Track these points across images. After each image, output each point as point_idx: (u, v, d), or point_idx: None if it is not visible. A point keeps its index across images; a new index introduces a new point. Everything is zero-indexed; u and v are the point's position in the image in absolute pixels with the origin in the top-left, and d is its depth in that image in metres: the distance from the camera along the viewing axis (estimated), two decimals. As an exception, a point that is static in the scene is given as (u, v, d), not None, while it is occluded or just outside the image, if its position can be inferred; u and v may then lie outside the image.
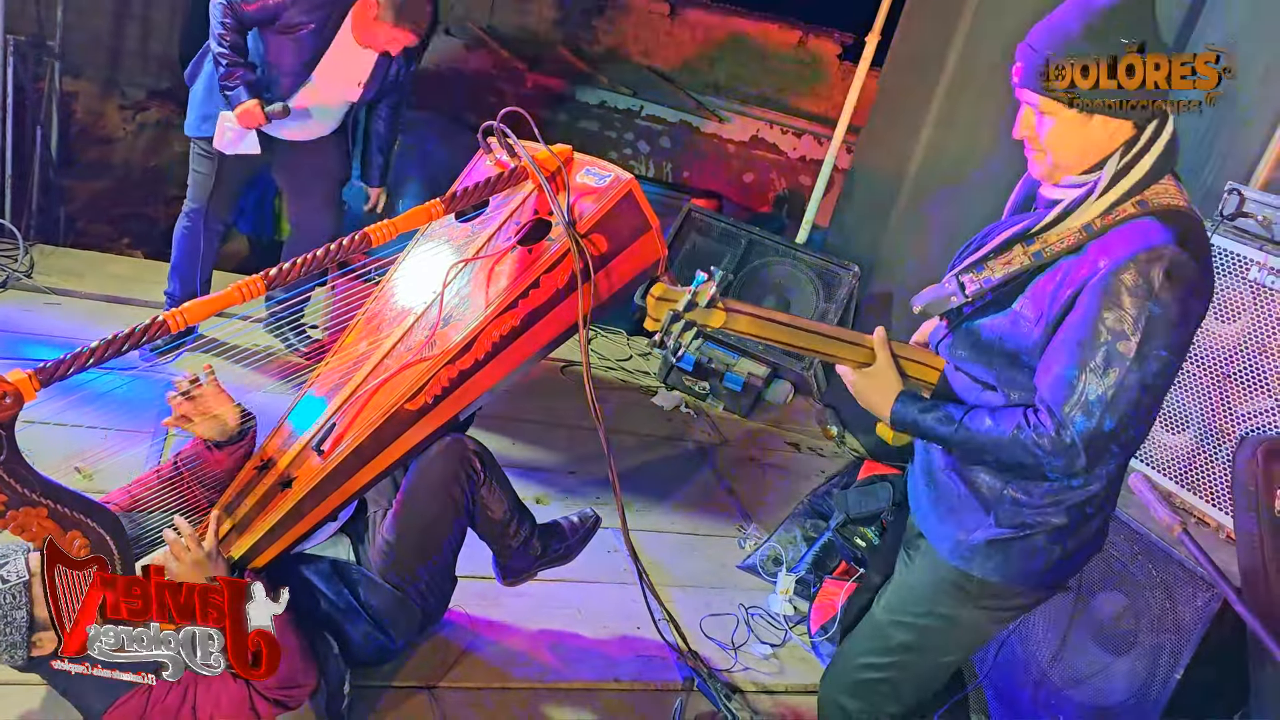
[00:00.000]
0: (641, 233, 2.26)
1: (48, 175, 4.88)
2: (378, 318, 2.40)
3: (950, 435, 1.70)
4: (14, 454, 1.66)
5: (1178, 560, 2.47)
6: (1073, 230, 1.61)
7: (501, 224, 2.31)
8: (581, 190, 2.22)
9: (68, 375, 1.69)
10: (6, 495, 1.67)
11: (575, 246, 2.11)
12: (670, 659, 2.78)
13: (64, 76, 4.95)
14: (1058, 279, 1.61)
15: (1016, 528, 1.77)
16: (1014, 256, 1.67)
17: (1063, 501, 1.75)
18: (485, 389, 2.23)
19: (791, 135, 7.91)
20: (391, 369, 2.20)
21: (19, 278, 3.97)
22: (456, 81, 7.17)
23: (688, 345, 1.79)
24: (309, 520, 2.15)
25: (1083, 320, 1.55)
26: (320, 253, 1.94)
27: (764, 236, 4.82)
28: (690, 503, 3.72)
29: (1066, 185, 1.66)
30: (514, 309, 2.16)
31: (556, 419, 3.96)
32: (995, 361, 1.73)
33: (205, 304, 1.83)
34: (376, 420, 2.12)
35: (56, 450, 2.75)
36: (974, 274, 1.71)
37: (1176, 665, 2.46)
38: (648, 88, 7.78)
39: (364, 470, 2.16)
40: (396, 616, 2.33)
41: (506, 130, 2.25)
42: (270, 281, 1.89)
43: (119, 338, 1.73)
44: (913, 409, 1.75)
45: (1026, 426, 1.59)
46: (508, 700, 2.54)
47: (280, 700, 1.99)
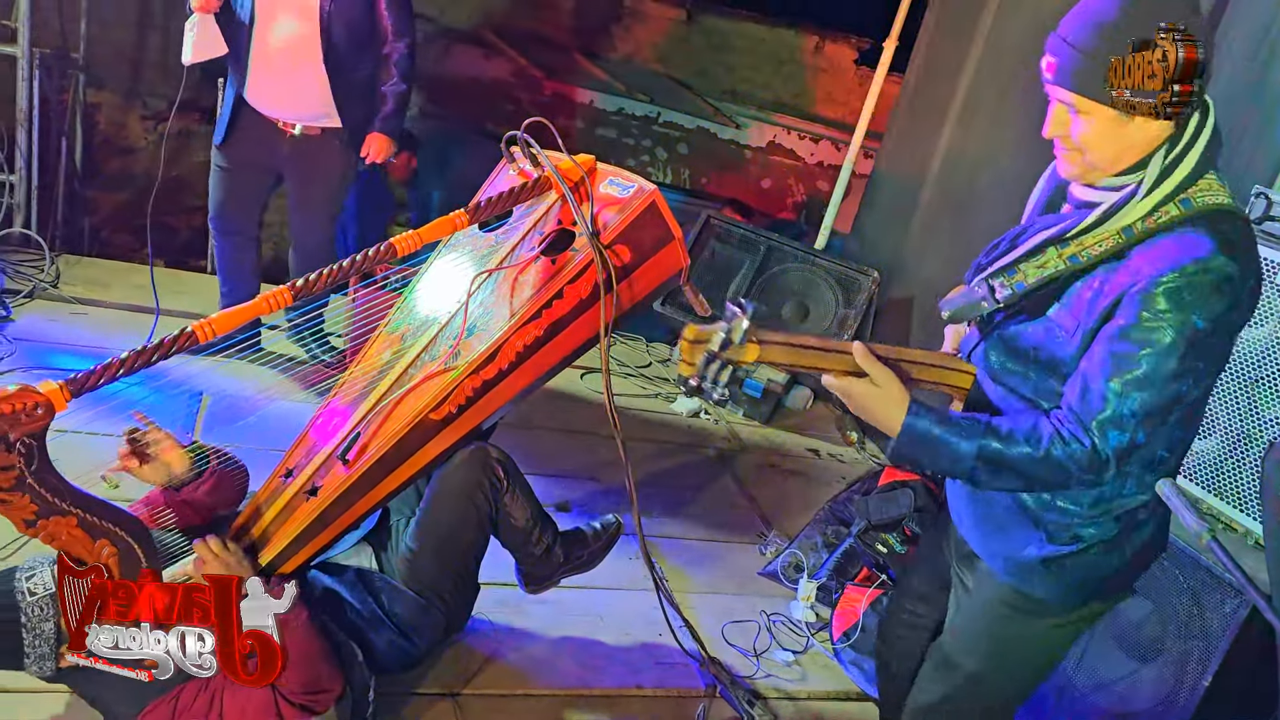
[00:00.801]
0: (665, 243, 2.25)
1: (72, 186, 4.94)
2: (401, 327, 2.41)
3: (971, 452, 1.56)
4: (45, 463, 1.68)
5: (1205, 566, 2.46)
6: (1111, 234, 1.54)
7: (525, 234, 2.31)
8: (605, 201, 2.22)
9: (98, 386, 1.70)
10: (37, 505, 1.68)
11: (599, 258, 2.11)
12: (693, 666, 2.78)
13: (87, 88, 4.99)
14: (1095, 287, 1.55)
15: (1069, 542, 1.70)
16: (1047, 260, 1.60)
17: (1111, 510, 1.68)
18: (508, 399, 2.23)
19: (809, 141, 7.90)
20: (416, 379, 2.21)
21: (45, 288, 4.01)
22: (474, 89, 7.20)
23: (725, 385, 1.71)
24: (334, 529, 2.17)
25: (1122, 331, 1.49)
26: (346, 263, 1.95)
27: (782, 243, 4.80)
28: (710, 509, 3.71)
29: (1103, 187, 1.59)
30: (538, 319, 2.16)
31: (577, 425, 3.97)
32: (1032, 372, 1.66)
33: (233, 314, 1.84)
34: (401, 430, 2.13)
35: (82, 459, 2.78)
36: (1005, 278, 1.64)
37: (1204, 672, 2.44)
38: (665, 94, 7.79)
39: (388, 480, 2.17)
40: (420, 624, 2.33)
41: (530, 140, 2.24)
42: (298, 292, 1.90)
43: (148, 349, 1.74)
44: (926, 420, 1.59)
45: (1060, 442, 1.52)
46: (531, 707, 2.54)
47: (305, 705, 2.00)
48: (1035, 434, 1.55)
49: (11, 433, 1.60)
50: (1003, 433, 1.56)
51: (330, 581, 2.29)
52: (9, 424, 1.60)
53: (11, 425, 1.60)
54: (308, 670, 1.99)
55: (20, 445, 1.62)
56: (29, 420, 1.62)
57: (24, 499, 1.66)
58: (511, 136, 2.28)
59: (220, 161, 3.62)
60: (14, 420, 1.60)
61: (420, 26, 7.08)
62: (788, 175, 8.01)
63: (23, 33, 4.27)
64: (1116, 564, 1.75)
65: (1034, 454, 1.53)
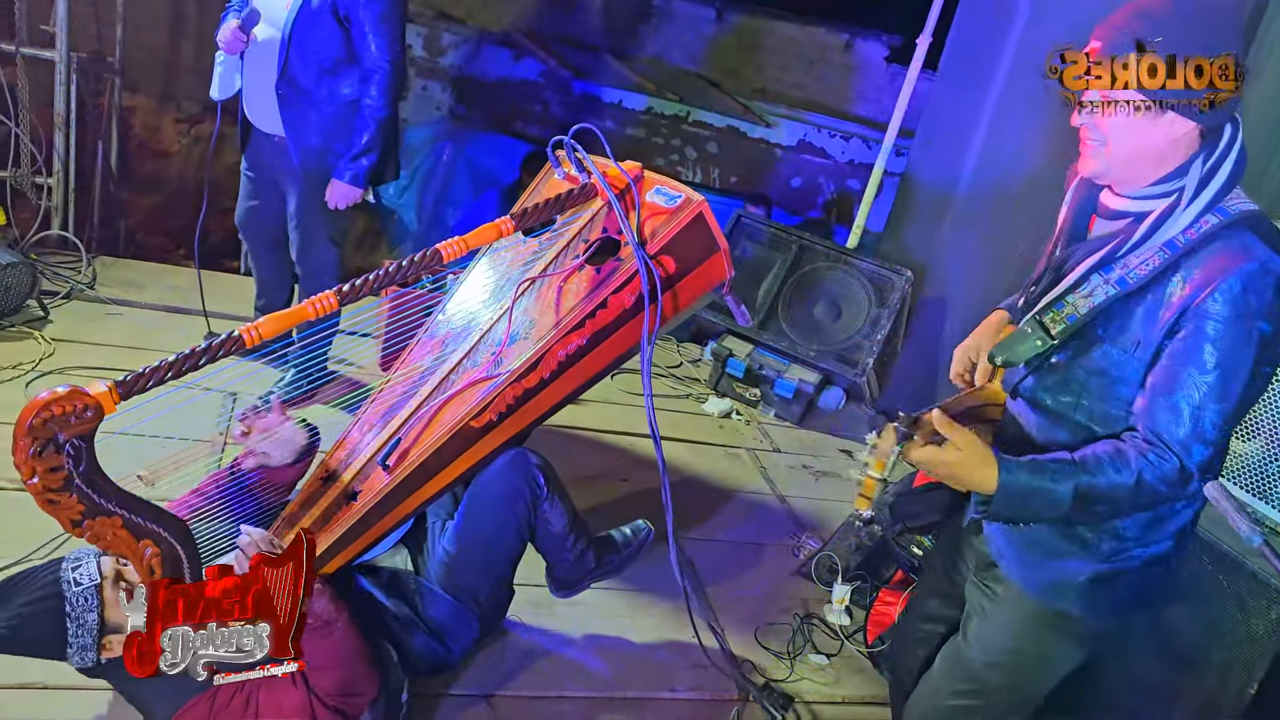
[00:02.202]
0: (710, 254, 2.23)
1: (108, 189, 4.99)
2: (443, 333, 2.41)
3: (1069, 494, 1.53)
4: (93, 465, 1.69)
5: (1250, 571, 2.41)
6: (1154, 249, 1.53)
7: (569, 241, 2.30)
8: (651, 210, 2.19)
9: (147, 388, 1.71)
10: (84, 505, 1.69)
11: (644, 268, 2.10)
12: (725, 668, 2.76)
13: (123, 92, 5.05)
14: (1149, 303, 1.54)
15: (1123, 560, 1.69)
16: (1094, 289, 1.58)
17: (1168, 528, 1.67)
18: (549, 407, 2.23)
19: (840, 139, 7.85)
20: (457, 385, 2.21)
21: (82, 289, 4.05)
22: (503, 89, 7.22)
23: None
24: (373, 533, 2.17)
25: (1192, 345, 1.48)
26: (392, 268, 1.95)
27: (815, 241, 4.77)
28: (743, 511, 3.69)
29: (1138, 197, 1.58)
30: (581, 329, 2.15)
31: (609, 426, 3.96)
32: (1085, 398, 1.63)
33: (279, 319, 1.85)
34: (441, 436, 2.13)
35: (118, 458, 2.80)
36: (1055, 313, 1.62)
37: (1250, 680, 2.39)
38: (694, 93, 7.77)
39: (427, 486, 2.17)
40: (454, 628, 2.34)
41: (577, 146, 2.23)
42: (344, 297, 1.90)
43: (197, 352, 1.75)
44: (1021, 473, 1.55)
45: (1150, 465, 1.50)
46: (563, 710, 2.54)
47: (340, 708, 2.01)
48: (1122, 460, 1.52)
49: (61, 434, 1.62)
50: (1090, 465, 1.54)
51: (366, 584, 2.30)
52: (59, 425, 1.61)
53: (61, 426, 1.62)
54: (345, 671, 1.99)
55: (69, 446, 1.64)
56: (78, 422, 1.63)
57: (72, 499, 1.68)
58: (558, 141, 2.27)
59: (244, 167, 3.62)
60: (64, 422, 1.61)
61: (448, 28, 7.12)
62: (818, 174, 7.97)
63: (60, 38, 4.32)
64: (1162, 577, 1.74)
65: (1126, 481, 1.51)
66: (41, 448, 1.61)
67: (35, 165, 4.43)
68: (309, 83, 3.29)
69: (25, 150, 4.39)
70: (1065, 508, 1.54)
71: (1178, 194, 1.53)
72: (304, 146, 3.37)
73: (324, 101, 3.33)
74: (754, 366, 4.53)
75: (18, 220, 4.36)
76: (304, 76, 3.28)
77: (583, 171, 2.26)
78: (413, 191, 6.78)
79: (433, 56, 7.03)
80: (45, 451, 1.62)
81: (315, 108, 3.33)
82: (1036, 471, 1.55)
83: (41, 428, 1.60)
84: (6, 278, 3.60)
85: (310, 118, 3.34)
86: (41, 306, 3.77)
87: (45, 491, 1.65)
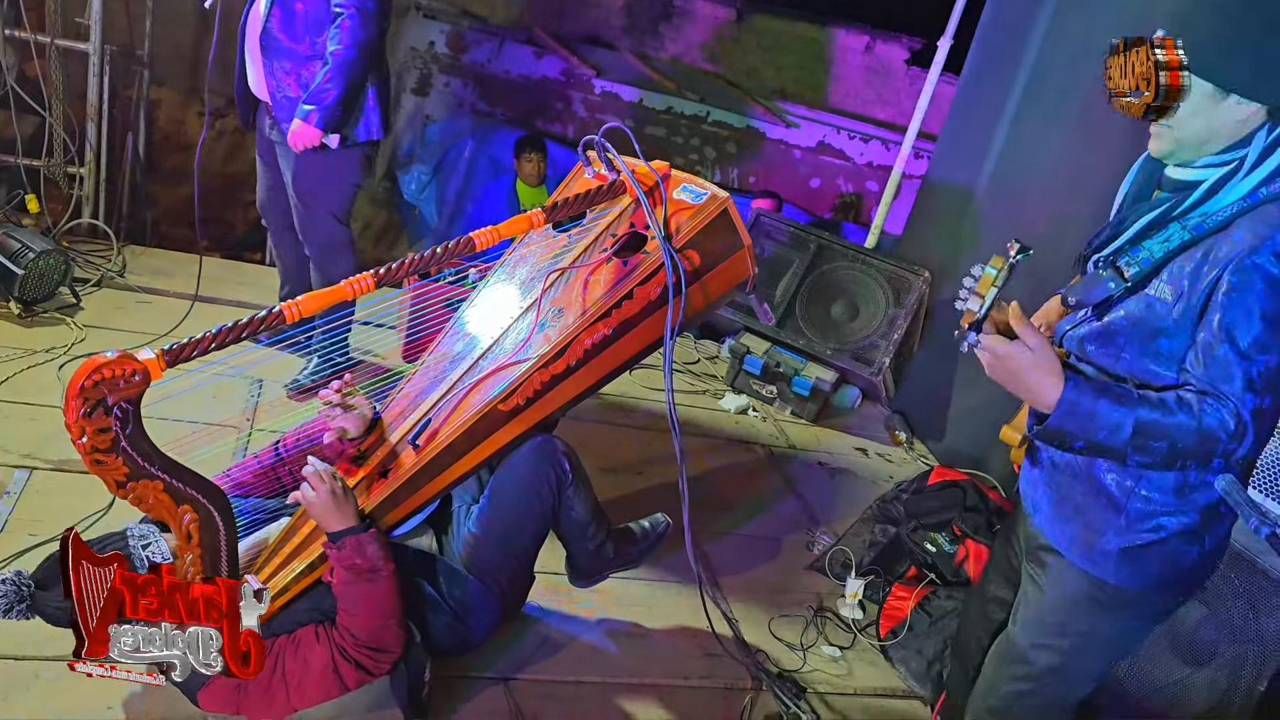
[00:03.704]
0: (734, 250, 2.29)
1: (135, 179, 5.07)
2: (474, 320, 2.47)
3: (1130, 423, 1.53)
4: (139, 428, 1.75)
5: (1262, 569, 2.44)
6: (1229, 206, 1.58)
7: (598, 235, 2.36)
8: (678, 206, 2.26)
9: (192, 356, 1.78)
10: (129, 467, 1.75)
11: (670, 262, 2.15)
12: (740, 658, 2.80)
13: (150, 85, 5.12)
14: (1197, 258, 1.58)
15: (1151, 530, 1.73)
16: (1171, 235, 1.62)
17: (1195, 501, 1.71)
18: (575, 394, 2.28)
19: (859, 141, 7.88)
20: (487, 369, 2.27)
21: (113, 276, 4.13)
22: (525, 87, 7.27)
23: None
24: (402, 510, 2.23)
25: (1238, 300, 1.52)
26: (427, 253, 2.01)
27: (833, 241, 4.80)
28: (758, 505, 3.73)
29: (1200, 165, 1.63)
30: (607, 319, 2.20)
31: (626, 420, 4.01)
32: (1126, 350, 1.67)
33: (318, 297, 1.91)
34: (470, 418, 2.19)
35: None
36: (1129, 257, 1.65)
37: (1260, 678, 2.42)
38: (714, 93, 7.81)
39: (456, 465, 2.23)
40: (477, 608, 2.38)
41: (607, 144, 2.30)
42: (380, 278, 1.96)
43: (239, 324, 1.82)
44: (1088, 391, 1.54)
45: (1212, 409, 1.52)
46: (581, 694, 2.58)
47: (363, 664, 2.06)
48: (1185, 403, 1.54)
49: (110, 396, 1.68)
50: (1154, 400, 1.55)
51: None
52: (108, 388, 1.67)
53: (110, 390, 1.68)
54: (379, 621, 2.05)
55: (118, 409, 1.70)
56: (127, 386, 1.69)
57: (117, 461, 1.74)
58: (589, 141, 2.33)
59: (256, 151, 3.66)
60: (113, 385, 1.68)
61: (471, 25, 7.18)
62: (837, 175, 8.00)
63: (95, 30, 4.40)
64: (1195, 556, 1.76)
65: (1190, 422, 1.53)
66: (91, 409, 1.68)
67: (67, 155, 4.50)
68: (291, 36, 3.28)
69: (58, 140, 4.47)
70: (1125, 435, 1.53)
71: (1239, 162, 1.58)
72: (286, 99, 3.34)
73: (306, 58, 3.31)
74: (771, 364, 4.57)
75: (50, 209, 4.44)
76: (285, 30, 3.28)
77: (611, 169, 2.32)
78: (434, 187, 6.85)
79: (456, 53, 7.09)
80: (94, 413, 1.68)
81: (296, 61, 3.31)
82: (1102, 392, 1.55)
83: (92, 390, 1.66)
84: (40, 264, 3.68)
85: (291, 71, 3.32)
86: (73, 293, 3.84)
87: (93, 452, 1.71)
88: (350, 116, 3.38)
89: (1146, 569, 1.76)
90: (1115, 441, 1.54)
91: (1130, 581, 1.78)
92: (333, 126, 3.32)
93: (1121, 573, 1.77)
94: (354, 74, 3.28)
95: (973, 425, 4.23)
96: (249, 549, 2.18)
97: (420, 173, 6.89)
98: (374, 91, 3.44)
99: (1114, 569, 1.77)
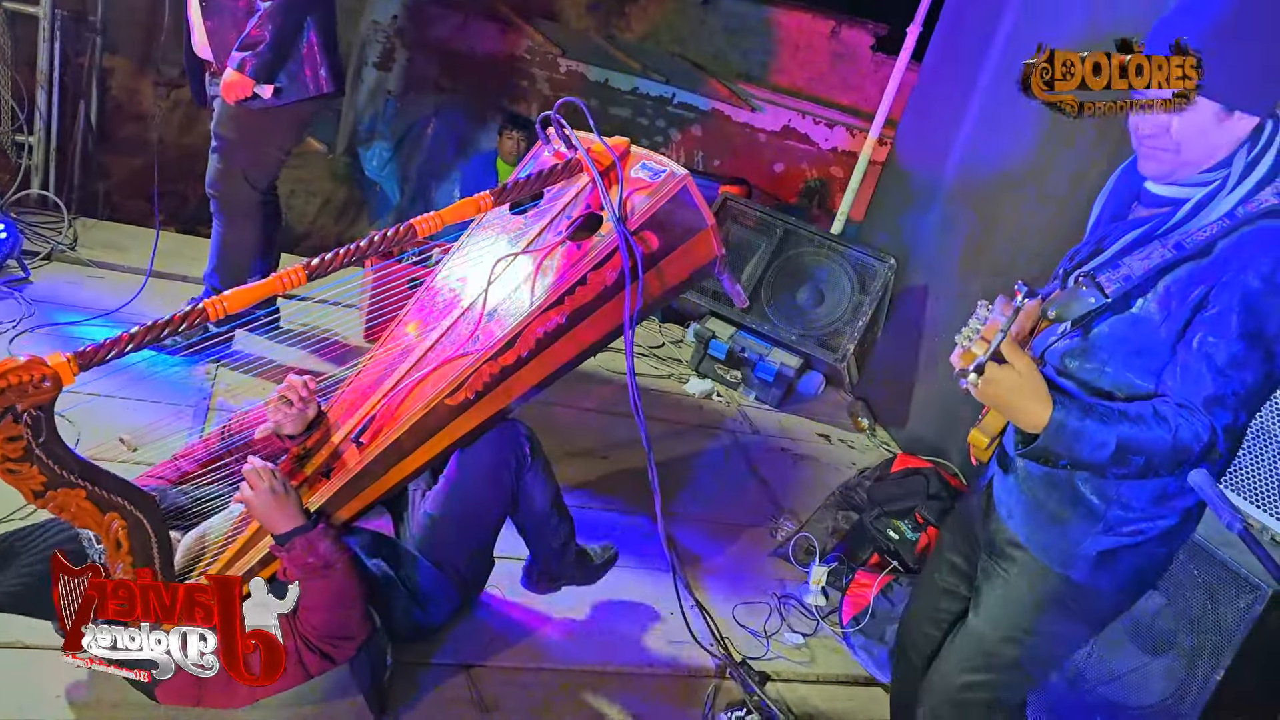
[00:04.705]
0: (695, 231, 2.20)
1: (87, 149, 4.92)
2: (425, 309, 2.38)
3: (1111, 441, 1.55)
4: (53, 435, 1.67)
5: (1221, 561, 2.46)
6: (1211, 225, 1.58)
7: (554, 217, 2.28)
8: (635, 185, 2.17)
9: (106, 360, 1.69)
10: (46, 476, 1.67)
11: (624, 243, 2.07)
12: (703, 645, 2.79)
13: (103, 53, 4.97)
14: (1183, 277, 1.59)
15: (1129, 535, 1.74)
16: (1151, 253, 1.62)
17: (1175, 504, 1.72)
18: (529, 386, 2.21)
19: (824, 126, 7.87)
20: (434, 362, 2.19)
21: (63, 249, 4.00)
22: (489, 64, 7.17)
23: None
24: (350, 508, 2.17)
25: (1219, 319, 1.55)
26: (364, 242, 1.92)
27: (800, 226, 4.80)
28: (722, 491, 3.72)
29: (1185, 184, 1.63)
30: (559, 305, 2.12)
31: (589, 403, 3.97)
32: (1110, 365, 1.68)
33: (246, 293, 1.82)
34: (417, 414, 2.11)
35: (102, 422, 2.79)
36: (1110, 273, 1.65)
37: (1216, 667, 2.45)
38: (680, 75, 7.75)
39: (404, 463, 2.16)
40: (434, 593, 2.35)
41: (563, 121, 2.21)
42: (312, 271, 1.87)
43: (158, 324, 1.73)
44: (1075, 412, 1.56)
45: (1186, 423, 1.54)
46: (544, 681, 2.56)
47: (327, 653, 2.01)
48: (1161, 416, 1.57)
49: (19, 404, 1.59)
50: (1132, 416, 1.57)
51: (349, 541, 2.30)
52: (16, 395, 1.58)
53: (19, 397, 1.59)
54: (337, 614, 2.00)
55: (28, 417, 1.61)
56: (36, 392, 1.60)
57: (32, 470, 1.66)
58: (546, 117, 2.25)
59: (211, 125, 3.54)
60: (20, 392, 1.59)
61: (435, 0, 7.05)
62: (801, 160, 7.99)
63: (46, -8, 4.25)
64: (1165, 556, 1.79)
65: (1165, 435, 1.55)
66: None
67: (16, 123, 4.36)
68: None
69: (6, 107, 4.32)
70: (1108, 453, 1.56)
71: (1222, 180, 1.59)
72: (225, 54, 3.25)
73: (245, 13, 3.22)
74: (736, 349, 4.55)
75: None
76: None
77: (569, 147, 2.25)
78: (395, 164, 6.74)
79: (419, 29, 6.97)
80: (3, 421, 1.59)
81: (236, 17, 3.23)
82: (1086, 413, 1.57)
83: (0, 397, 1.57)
84: (-14, 236, 3.56)
85: (231, 28, 3.24)
86: (21, 266, 3.72)
87: (4, 461, 1.63)
88: (284, 65, 3.28)
89: (1119, 571, 1.77)
90: (1099, 458, 1.57)
91: (1102, 583, 1.79)
92: (265, 75, 3.23)
93: (1094, 575, 1.78)
94: (286, 20, 3.19)
95: (935, 413, 4.25)
96: (192, 544, 2.12)
97: (381, 149, 6.77)
98: (317, 43, 3.33)
99: (1087, 571, 1.78)
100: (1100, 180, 1.85)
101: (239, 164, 3.43)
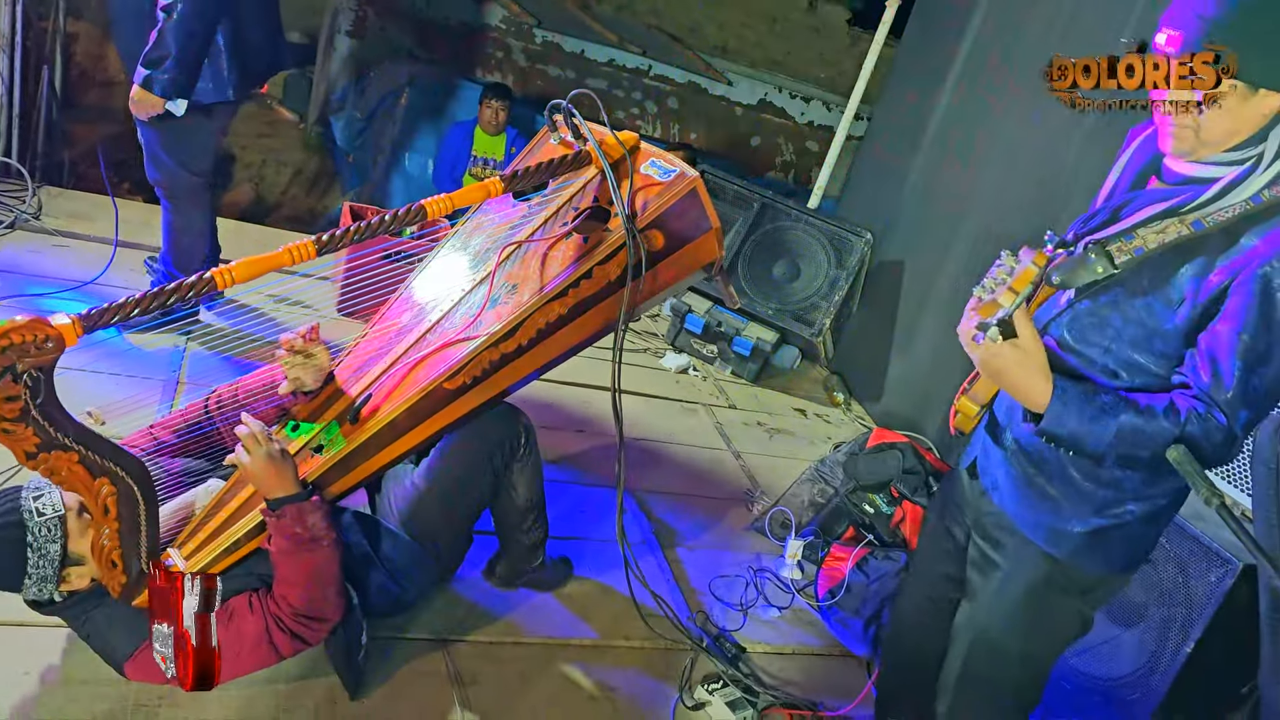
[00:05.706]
0: (700, 233, 2.21)
1: (51, 116, 4.81)
2: (424, 291, 2.37)
3: (1113, 430, 1.53)
4: (51, 397, 1.64)
5: (1192, 535, 2.49)
6: (1233, 206, 1.54)
7: (559, 208, 2.26)
8: (644, 182, 2.16)
9: (111, 324, 1.67)
10: (40, 438, 1.65)
11: (631, 241, 2.07)
12: (680, 618, 2.79)
13: (67, 17, 4.86)
14: (1203, 265, 1.55)
15: (1118, 515, 1.72)
16: (1167, 227, 1.58)
17: (1166, 486, 1.71)
18: (525, 374, 2.21)
19: (800, 100, 7.85)
20: (434, 344, 2.18)
21: (27, 219, 3.92)
22: (464, 35, 7.08)
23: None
24: (340, 485, 2.14)
25: (1243, 309, 1.50)
26: (375, 221, 1.89)
27: (777, 200, 4.78)
28: (698, 465, 3.72)
29: (1210, 162, 1.58)
30: (563, 298, 2.12)
31: (566, 378, 3.95)
32: (1115, 345, 1.65)
33: (255, 263, 1.78)
34: (414, 395, 2.10)
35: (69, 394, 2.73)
36: (1122, 243, 1.60)
37: (1186, 639, 2.49)
38: (657, 47, 7.69)
39: (397, 443, 2.15)
40: (412, 569, 2.33)
41: (574, 111, 2.18)
42: (322, 246, 1.83)
43: (165, 290, 1.71)
44: (1075, 396, 1.53)
45: (1197, 419, 1.51)
46: (520, 655, 2.55)
47: (299, 634, 1.99)
48: (1173, 410, 1.53)
49: (19, 363, 1.56)
50: (1140, 407, 1.54)
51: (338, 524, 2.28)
52: (17, 354, 1.56)
53: (20, 356, 1.56)
54: (315, 591, 1.98)
55: (27, 377, 1.58)
56: (38, 353, 1.57)
57: (27, 431, 1.63)
58: (555, 105, 2.21)
59: None
60: (23, 351, 1.56)
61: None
62: (777, 134, 7.97)
63: (5, -46, 4.14)
64: (1153, 535, 1.78)
65: (1173, 430, 1.52)
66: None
67: (-24, 88, 4.26)
68: None
69: (-34, 72, 4.22)
70: (1108, 441, 1.54)
71: (1254, 159, 1.54)
72: (133, 54, 3.08)
73: (151, 9, 3.00)
74: (712, 323, 4.54)
75: (-43, 146, 4.20)
76: None
77: (579, 138, 2.22)
78: (369, 135, 6.65)
79: (392, -4, 6.86)
80: (2, 380, 1.57)
81: (144, 13, 3.08)
82: (1089, 399, 1.55)
83: (1, 355, 1.54)
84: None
85: (139, 24, 3.12)
86: (-15, 235, 3.65)
87: (0, 421, 1.60)
88: (195, 80, 3.04)
89: (1109, 552, 1.76)
90: (1099, 445, 1.55)
91: (1095, 565, 1.78)
92: (175, 93, 3.01)
93: (1087, 557, 1.77)
94: (190, 36, 2.93)
95: (910, 388, 4.27)
96: (174, 513, 2.08)
97: (353, 120, 6.68)
98: (230, 48, 3.09)
99: (1081, 554, 1.77)
100: (1076, 160, 1.81)
101: (171, 159, 3.28)
